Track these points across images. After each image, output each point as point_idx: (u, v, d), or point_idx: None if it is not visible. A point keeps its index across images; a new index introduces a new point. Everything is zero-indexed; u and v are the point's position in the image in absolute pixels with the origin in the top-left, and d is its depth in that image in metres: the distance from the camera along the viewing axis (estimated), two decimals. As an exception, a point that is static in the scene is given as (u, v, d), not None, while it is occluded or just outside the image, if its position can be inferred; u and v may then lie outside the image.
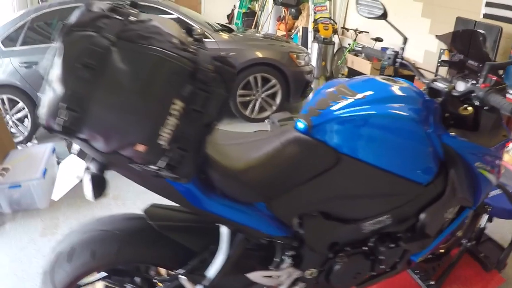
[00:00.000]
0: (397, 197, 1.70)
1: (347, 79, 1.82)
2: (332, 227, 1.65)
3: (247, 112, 5.52)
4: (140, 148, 1.21)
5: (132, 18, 1.28)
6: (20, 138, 5.04)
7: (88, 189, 1.36)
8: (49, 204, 3.80)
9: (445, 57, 5.16)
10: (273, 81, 5.39)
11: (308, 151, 1.57)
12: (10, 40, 4.97)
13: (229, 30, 5.78)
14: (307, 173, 1.57)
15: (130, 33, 1.22)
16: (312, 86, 5.86)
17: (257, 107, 5.53)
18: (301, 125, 1.64)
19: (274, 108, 5.54)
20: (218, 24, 6.03)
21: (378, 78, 1.75)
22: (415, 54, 6.09)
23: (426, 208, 1.74)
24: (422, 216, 1.74)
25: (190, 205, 1.46)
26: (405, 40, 2.09)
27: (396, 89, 1.68)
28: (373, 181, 1.63)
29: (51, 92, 1.17)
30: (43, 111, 1.18)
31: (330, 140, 1.58)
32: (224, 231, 1.59)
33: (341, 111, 1.60)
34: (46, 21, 5.11)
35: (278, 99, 5.53)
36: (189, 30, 1.43)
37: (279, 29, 9.48)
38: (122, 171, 1.38)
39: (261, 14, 10.11)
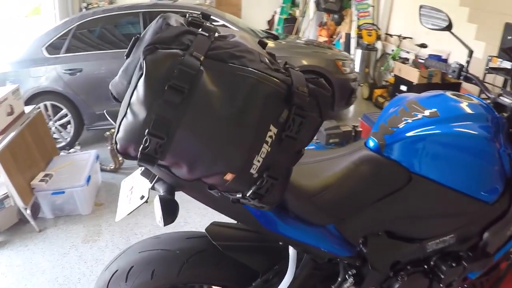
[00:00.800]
0: (463, 216, 1.66)
1: (416, 94, 1.77)
2: (396, 246, 1.62)
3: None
4: (229, 177, 1.11)
5: (217, 34, 1.18)
6: (63, 144, 5.08)
7: (158, 214, 1.27)
8: (92, 210, 3.83)
9: (493, 64, 4.97)
10: None
11: (380, 171, 1.54)
12: (54, 48, 5.02)
13: (275, 37, 5.69)
14: (378, 193, 1.53)
15: (219, 52, 1.11)
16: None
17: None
18: (372, 143, 1.60)
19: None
20: (262, 31, 5.95)
21: (448, 94, 1.71)
22: (460, 60, 5.81)
23: (490, 227, 1.70)
24: (486, 235, 1.69)
25: (263, 227, 1.42)
26: (471, 53, 2.08)
27: (466, 105, 1.62)
28: (442, 200, 1.59)
29: (131, 115, 1.06)
30: (120, 136, 1.08)
31: (402, 159, 1.54)
32: (292, 252, 1.54)
33: (414, 130, 1.55)
34: (90, 28, 5.15)
35: None
36: (262, 44, 1.33)
37: (320, 35, 9.36)
38: (193, 194, 1.33)
39: (302, 20, 10.02)
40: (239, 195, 1.16)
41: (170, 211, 1.27)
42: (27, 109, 3.99)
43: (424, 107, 1.61)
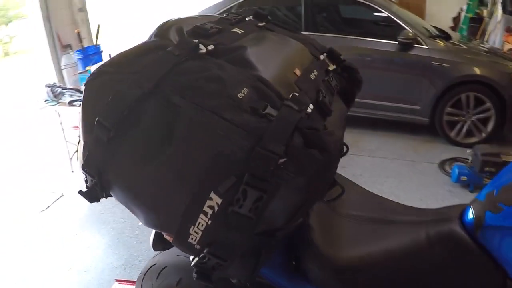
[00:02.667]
0: None
1: None
2: None
3: (452, 134, 4.84)
4: (168, 237, 0.94)
5: (207, 48, 0.93)
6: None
7: (151, 239, 1.20)
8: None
9: None
10: (488, 104, 4.63)
11: (463, 262, 1.04)
12: None
13: (446, 38, 5.15)
14: None
15: (177, 79, 0.86)
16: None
17: (464, 130, 4.81)
18: (470, 215, 1.05)
19: (484, 135, 4.75)
20: (436, 29, 5.42)
21: None
22: None
23: None
24: None
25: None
26: None
27: None
28: None
29: (81, 142, 0.98)
30: (79, 159, 1.00)
31: (502, 254, 0.99)
32: None
33: None
34: (250, 7, 5.12)
35: (490, 126, 4.72)
36: (333, 53, 1.12)
37: (506, 41, 8.36)
38: None
39: (489, 21, 9.08)
40: (191, 258, 0.93)
41: (163, 237, 1.14)
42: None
43: None
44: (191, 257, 0.92)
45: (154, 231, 1.19)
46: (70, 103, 4.00)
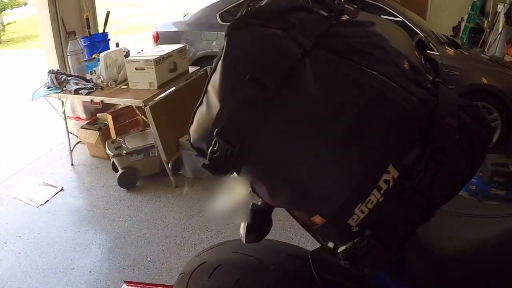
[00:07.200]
0: None
1: None
2: None
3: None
4: (318, 220, 0.81)
5: (345, 17, 0.82)
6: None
7: (242, 228, 1.03)
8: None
9: None
10: (495, 114, 4.61)
11: None
12: (229, 15, 5.08)
13: (456, 46, 5.11)
14: None
15: (335, 41, 0.76)
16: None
17: (470, 140, 4.71)
18: None
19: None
20: (444, 36, 5.41)
21: None
22: None
23: None
24: None
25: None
26: None
27: None
28: None
29: (205, 105, 0.84)
30: (193, 128, 0.88)
31: None
32: None
33: None
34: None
35: (495, 137, 4.68)
36: (422, 44, 0.98)
37: (507, 53, 8.43)
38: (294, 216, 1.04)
39: (490, 32, 9.13)
40: (330, 245, 0.85)
41: (256, 229, 1.02)
42: (191, 69, 4.13)
43: None
44: (330, 243, 0.85)
45: (245, 222, 1.04)
46: (76, 92, 3.78)
